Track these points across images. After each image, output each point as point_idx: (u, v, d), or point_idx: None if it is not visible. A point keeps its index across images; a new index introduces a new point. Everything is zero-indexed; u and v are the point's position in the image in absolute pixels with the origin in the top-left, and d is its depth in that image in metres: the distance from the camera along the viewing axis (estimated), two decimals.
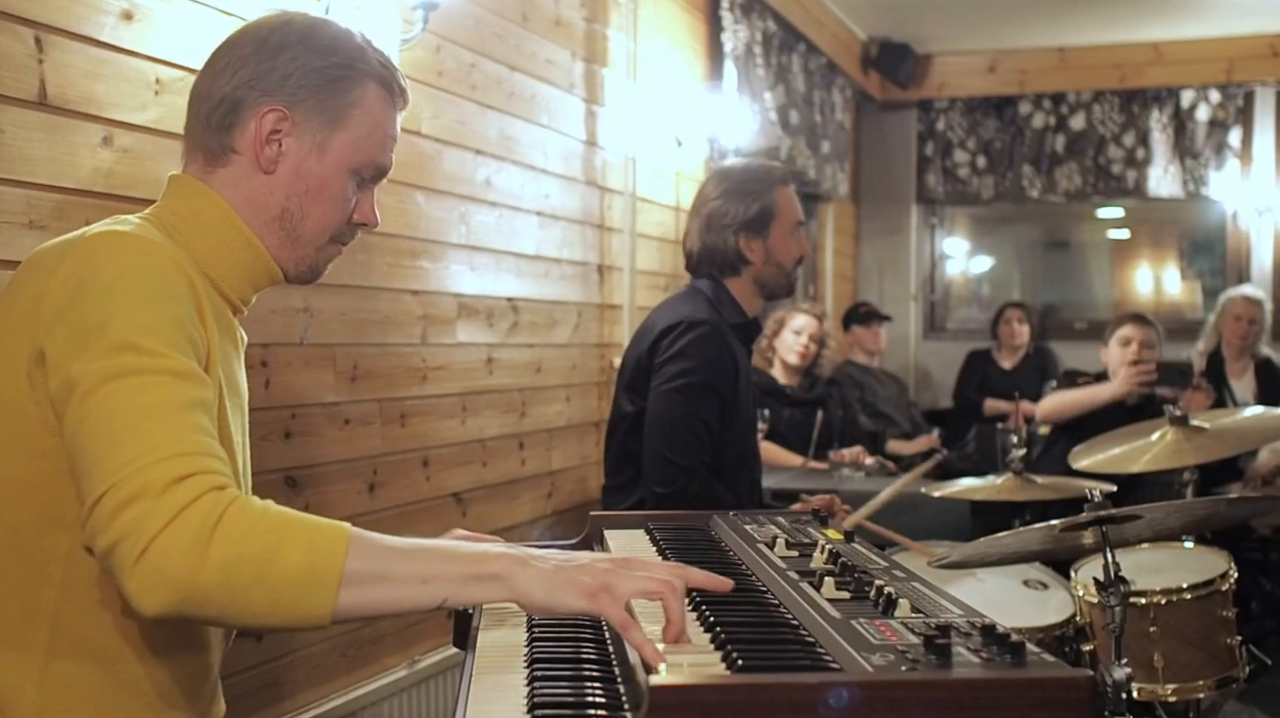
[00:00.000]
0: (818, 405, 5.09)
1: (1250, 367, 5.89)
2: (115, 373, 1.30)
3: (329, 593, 1.25)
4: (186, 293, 1.42)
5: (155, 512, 1.22)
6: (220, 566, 1.22)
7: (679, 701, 1.13)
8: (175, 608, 1.23)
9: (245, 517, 1.25)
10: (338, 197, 1.58)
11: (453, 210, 3.27)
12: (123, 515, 1.22)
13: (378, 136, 1.60)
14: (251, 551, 1.23)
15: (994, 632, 1.28)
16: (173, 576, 1.21)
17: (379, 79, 1.59)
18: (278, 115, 1.53)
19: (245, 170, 1.56)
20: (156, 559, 1.21)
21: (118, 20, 2.16)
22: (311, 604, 1.26)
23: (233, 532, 1.23)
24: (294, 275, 1.63)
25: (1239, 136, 7.35)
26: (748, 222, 2.89)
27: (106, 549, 1.24)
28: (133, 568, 1.21)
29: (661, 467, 2.71)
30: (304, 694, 2.73)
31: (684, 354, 2.76)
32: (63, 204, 2.04)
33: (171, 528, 1.21)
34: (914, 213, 8.15)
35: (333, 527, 1.28)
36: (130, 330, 1.32)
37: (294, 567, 1.24)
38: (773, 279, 2.96)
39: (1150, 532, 2.55)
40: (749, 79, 5.39)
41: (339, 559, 1.26)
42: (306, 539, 1.26)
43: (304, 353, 2.70)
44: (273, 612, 1.25)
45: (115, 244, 1.40)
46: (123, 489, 1.23)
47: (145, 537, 1.21)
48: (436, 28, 3.06)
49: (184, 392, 1.32)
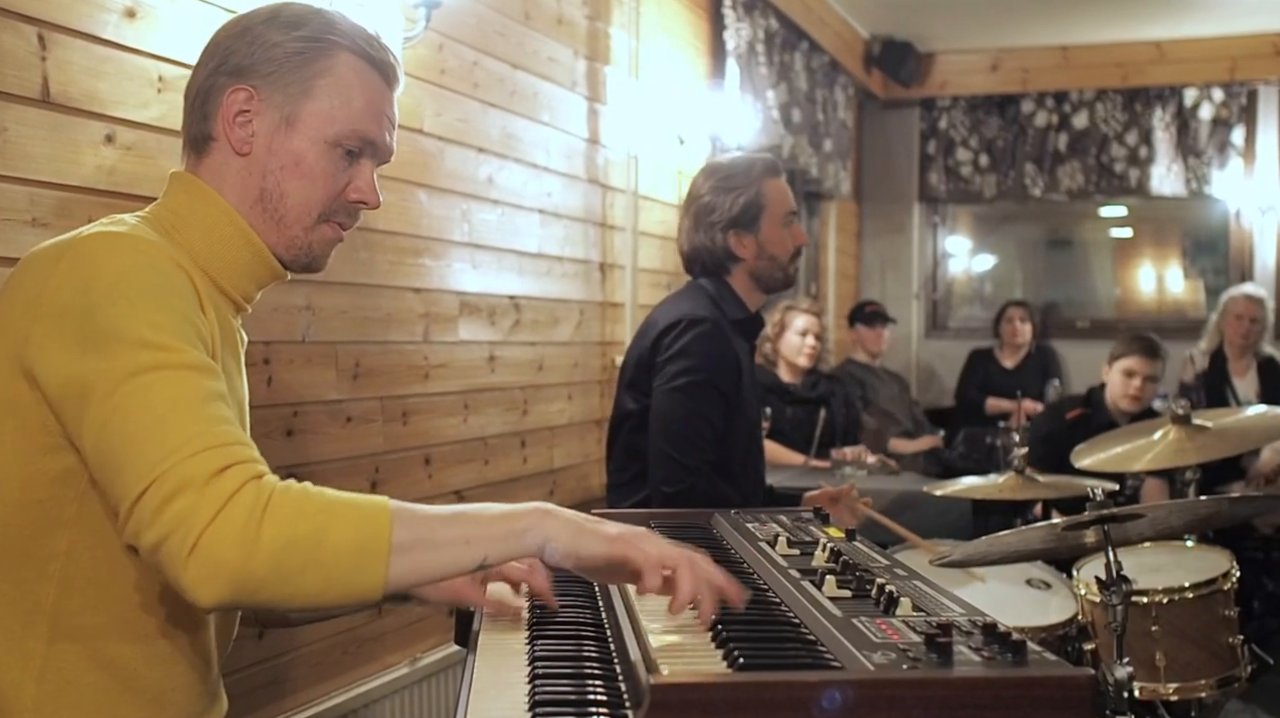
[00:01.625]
0: (820, 404, 5.09)
1: (1253, 365, 5.89)
2: (134, 370, 1.30)
3: (381, 566, 1.27)
4: (187, 287, 1.42)
5: (202, 504, 1.23)
6: (272, 552, 1.23)
7: (680, 698, 1.13)
8: (231, 597, 1.24)
9: (290, 502, 1.26)
10: (316, 170, 1.56)
11: (455, 208, 3.27)
12: (168, 510, 1.23)
13: (355, 106, 1.56)
14: (301, 534, 1.25)
15: (995, 631, 1.28)
16: (227, 565, 1.22)
17: (354, 50, 1.57)
18: (245, 94, 1.53)
19: (225, 155, 1.56)
20: (209, 550, 1.22)
21: (120, 18, 2.16)
22: (365, 579, 1.28)
23: (280, 517, 1.24)
24: (290, 261, 1.60)
25: (1242, 135, 7.34)
26: (735, 217, 2.87)
27: (154, 545, 1.24)
28: (186, 561, 1.22)
29: (667, 466, 2.70)
30: (306, 692, 2.73)
31: (686, 352, 2.75)
32: (65, 202, 2.04)
33: (220, 519, 1.22)
34: (916, 211, 8.15)
35: (374, 502, 1.30)
36: (142, 328, 1.32)
37: (344, 545, 1.26)
38: (768, 273, 2.91)
39: (1152, 531, 2.55)
40: (751, 77, 5.39)
41: (386, 532, 1.28)
42: (353, 517, 1.28)
43: (306, 351, 2.70)
44: (326, 590, 1.27)
45: (112, 245, 1.40)
46: (165, 484, 1.24)
47: (195, 530, 1.22)
48: (439, 26, 3.05)
49: (204, 385, 1.33)
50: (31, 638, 1.41)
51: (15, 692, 1.40)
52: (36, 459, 1.38)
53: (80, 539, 1.41)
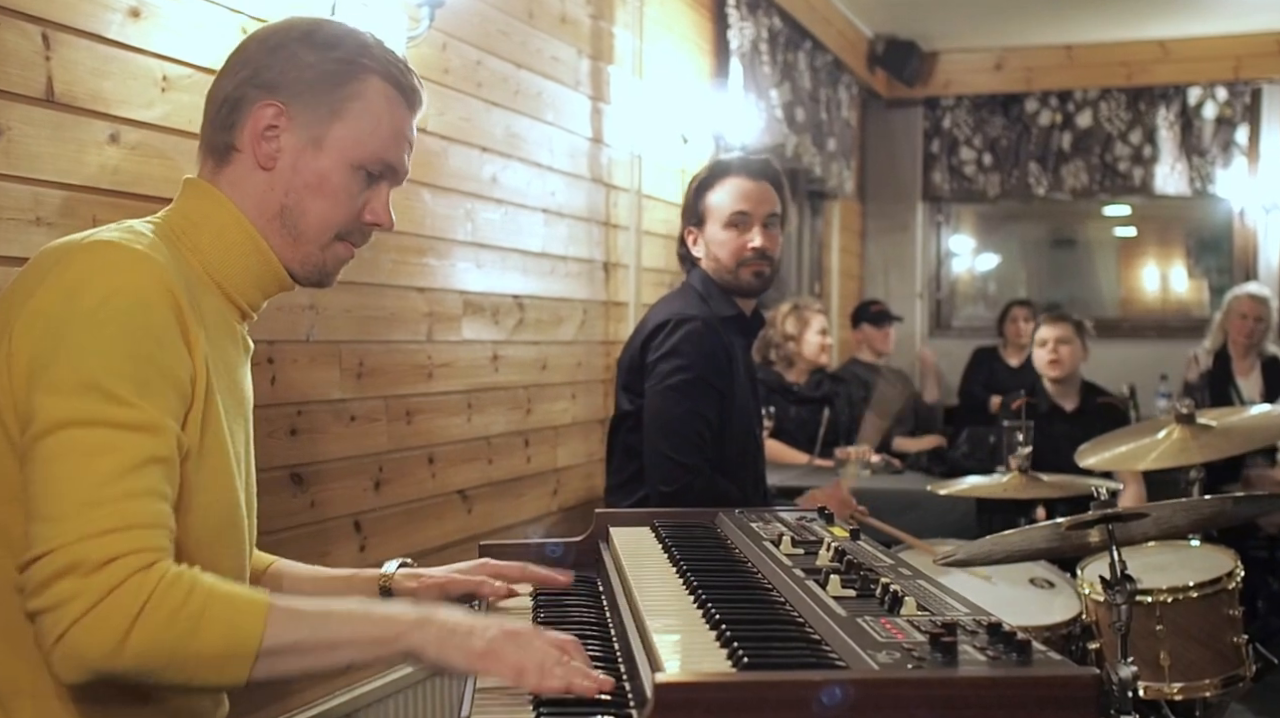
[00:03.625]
0: (824, 403, 5.10)
1: (1257, 365, 5.88)
2: (74, 419, 1.31)
3: (244, 667, 1.32)
4: (169, 323, 1.40)
5: (81, 592, 1.26)
6: (138, 653, 1.28)
7: (684, 698, 1.13)
8: (90, 681, 1.29)
9: (168, 602, 1.29)
10: (338, 192, 1.57)
11: (459, 208, 3.27)
12: (53, 587, 1.27)
13: (383, 132, 1.58)
14: (170, 638, 1.29)
15: (1000, 630, 1.28)
16: (89, 659, 1.27)
17: (384, 75, 1.58)
18: (275, 110, 1.54)
19: (247, 168, 1.56)
20: (75, 643, 1.27)
21: (125, 17, 2.16)
22: (225, 678, 1.32)
23: (153, 622, 1.28)
24: (302, 276, 1.62)
25: (1246, 134, 7.33)
26: (688, 213, 2.89)
27: (34, 612, 1.29)
28: (54, 645, 1.27)
29: (664, 466, 2.70)
30: (307, 692, 2.73)
31: (676, 351, 2.74)
32: (70, 201, 2.04)
33: (94, 614, 1.26)
34: (920, 210, 8.14)
35: (252, 604, 1.33)
36: (98, 372, 1.33)
37: (211, 648, 1.30)
38: (721, 276, 2.87)
39: (1157, 530, 2.54)
40: (755, 76, 5.39)
41: (255, 638, 1.32)
42: (225, 622, 1.31)
43: (309, 350, 2.70)
44: (188, 684, 1.32)
45: (107, 262, 1.39)
46: (56, 561, 1.27)
47: (69, 618, 1.26)
48: (442, 25, 3.05)
49: (141, 449, 1.33)
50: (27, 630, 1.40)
51: (14, 690, 1.41)
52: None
53: None
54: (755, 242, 2.84)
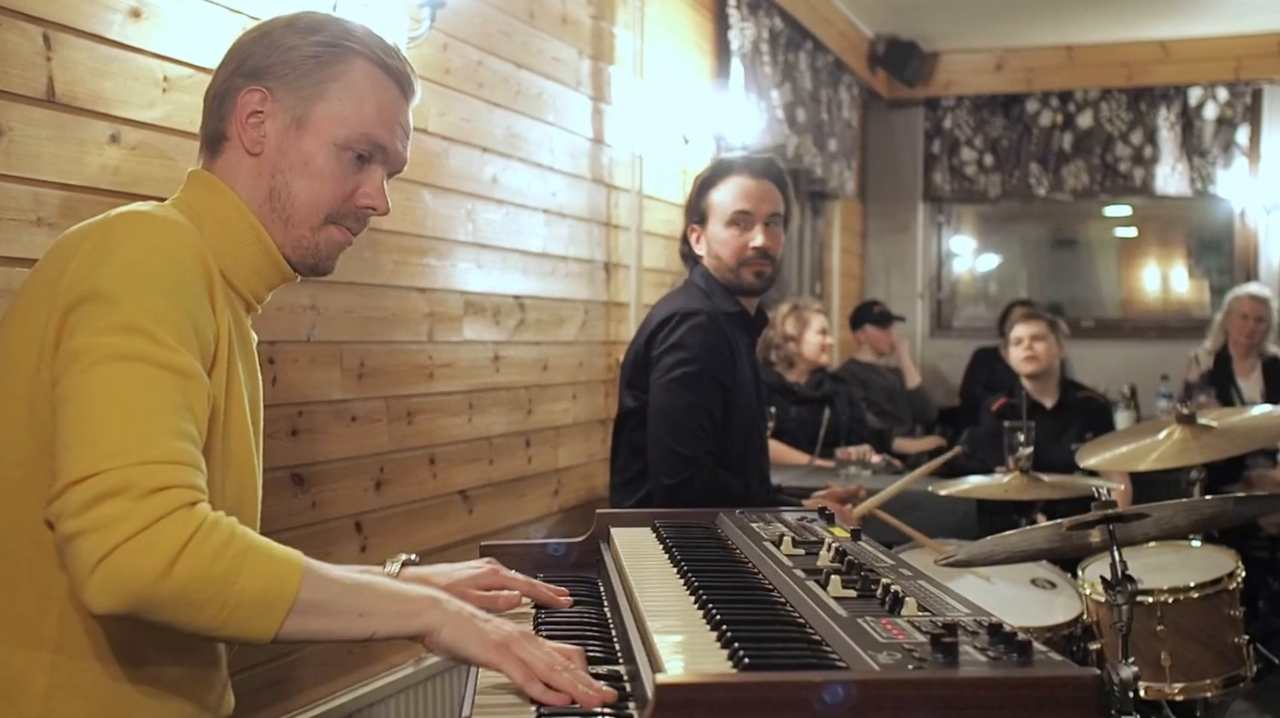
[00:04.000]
0: (825, 403, 5.10)
1: (1258, 365, 5.88)
2: (120, 354, 1.32)
3: (277, 619, 1.33)
4: (201, 280, 1.44)
5: (131, 515, 1.25)
6: (182, 582, 1.26)
7: (685, 698, 1.13)
8: (126, 610, 1.26)
9: (213, 539, 1.29)
10: (324, 172, 1.57)
11: (459, 208, 3.27)
12: (98, 508, 1.25)
13: (366, 111, 1.58)
14: (214, 573, 1.28)
15: (1001, 631, 1.28)
16: (134, 582, 1.25)
17: (369, 58, 1.59)
18: (259, 95, 1.55)
19: (237, 155, 1.58)
20: (121, 563, 1.24)
21: (125, 18, 2.16)
22: (258, 628, 1.33)
23: (200, 553, 1.27)
24: (296, 261, 1.62)
25: (1247, 135, 7.33)
26: (691, 210, 2.90)
27: (70, 535, 1.26)
28: (94, 565, 1.24)
29: (667, 459, 2.70)
30: (311, 692, 2.73)
31: (681, 345, 2.74)
32: (70, 201, 2.04)
33: (143, 536, 1.25)
34: (921, 211, 8.14)
35: (289, 557, 1.35)
36: (140, 315, 1.34)
37: (251, 593, 1.30)
38: (721, 274, 2.87)
39: (1157, 530, 2.54)
40: (756, 77, 5.39)
41: (293, 589, 1.33)
42: (265, 568, 1.32)
43: (311, 350, 2.70)
44: (219, 628, 1.31)
45: (138, 223, 1.43)
46: (105, 482, 1.26)
47: (115, 538, 1.24)
48: (443, 25, 3.06)
49: (182, 393, 1.35)
50: (43, 626, 1.42)
51: (27, 682, 1.41)
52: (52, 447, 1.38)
53: None
54: (756, 241, 2.83)
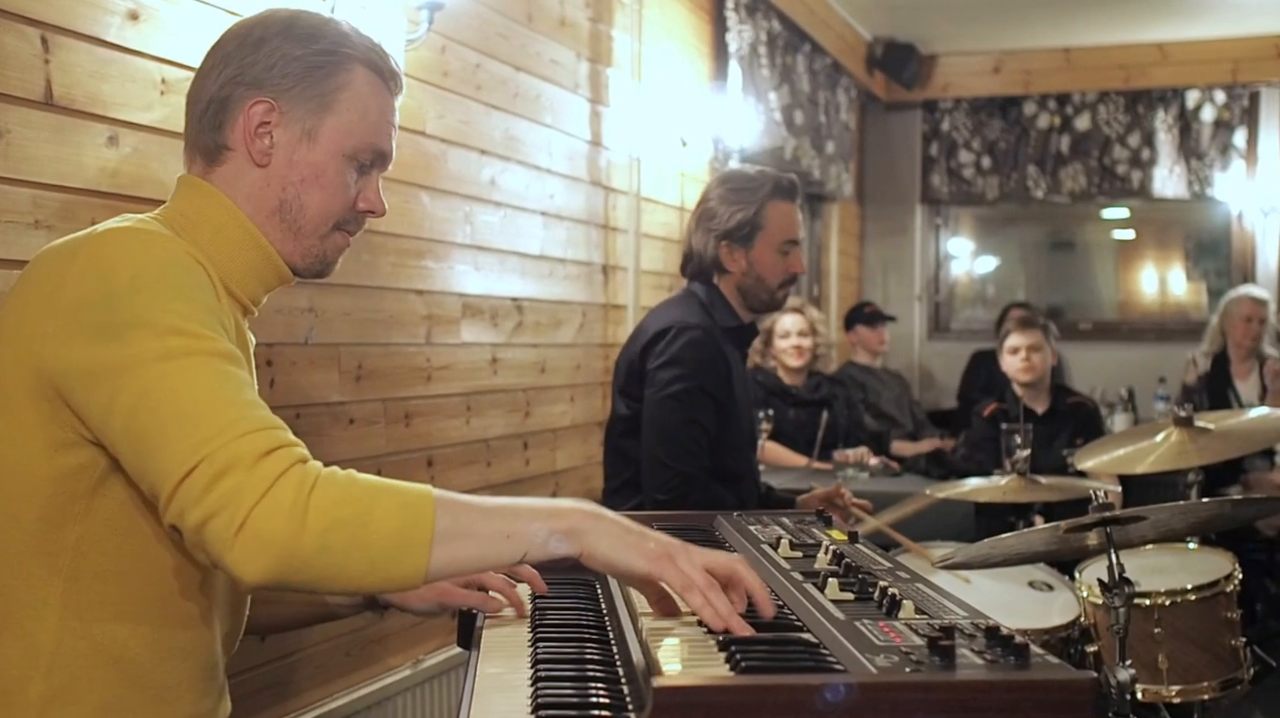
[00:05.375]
0: (823, 406, 5.10)
1: (1255, 367, 5.88)
2: (166, 355, 1.32)
3: (423, 553, 1.30)
4: (206, 280, 1.45)
5: (250, 483, 1.25)
6: (319, 532, 1.25)
7: (683, 701, 1.13)
8: (277, 575, 1.26)
9: (336, 485, 1.29)
10: (335, 183, 1.58)
11: (457, 210, 3.27)
12: (217, 488, 1.25)
13: (371, 119, 1.59)
14: (347, 516, 1.27)
15: (998, 633, 1.28)
16: (275, 542, 1.24)
17: (366, 63, 1.59)
18: (266, 107, 1.54)
19: (241, 166, 1.57)
20: (258, 526, 1.24)
21: (124, 20, 2.16)
22: (407, 564, 1.30)
23: (326, 500, 1.27)
24: (303, 269, 1.62)
25: (1244, 137, 7.34)
26: (729, 230, 2.88)
27: (199, 523, 1.26)
28: (234, 539, 1.24)
29: (661, 473, 2.71)
30: (308, 694, 2.73)
31: (677, 360, 2.75)
32: (68, 204, 2.04)
33: (268, 498, 1.25)
34: (918, 213, 8.14)
35: (418, 490, 1.33)
36: (168, 316, 1.34)
37: (388, 530, 1.28)
38: (753, 293, 2.91)
39: (1155, 533, 2.55)
40: (754, 79, 5.39)
41: (429, 520, 1.30)
42: (397, 503, 1.30)
43: (309, 353, 2.70)
44: (369, 573, 1.29)
45: (127, 240, 1.42)
46: (214, 463, 1.26)
47: (245, 507, 1.24)
48: (442, 28, 3.06)
49: (236, 372, 1.36)
50: (39, 632, 1.41)
51: (24, 685, 1.41)
52: (49, 455, 1.39)
53: (88, 534, 1.42)
54: (797, 267, 2.93)
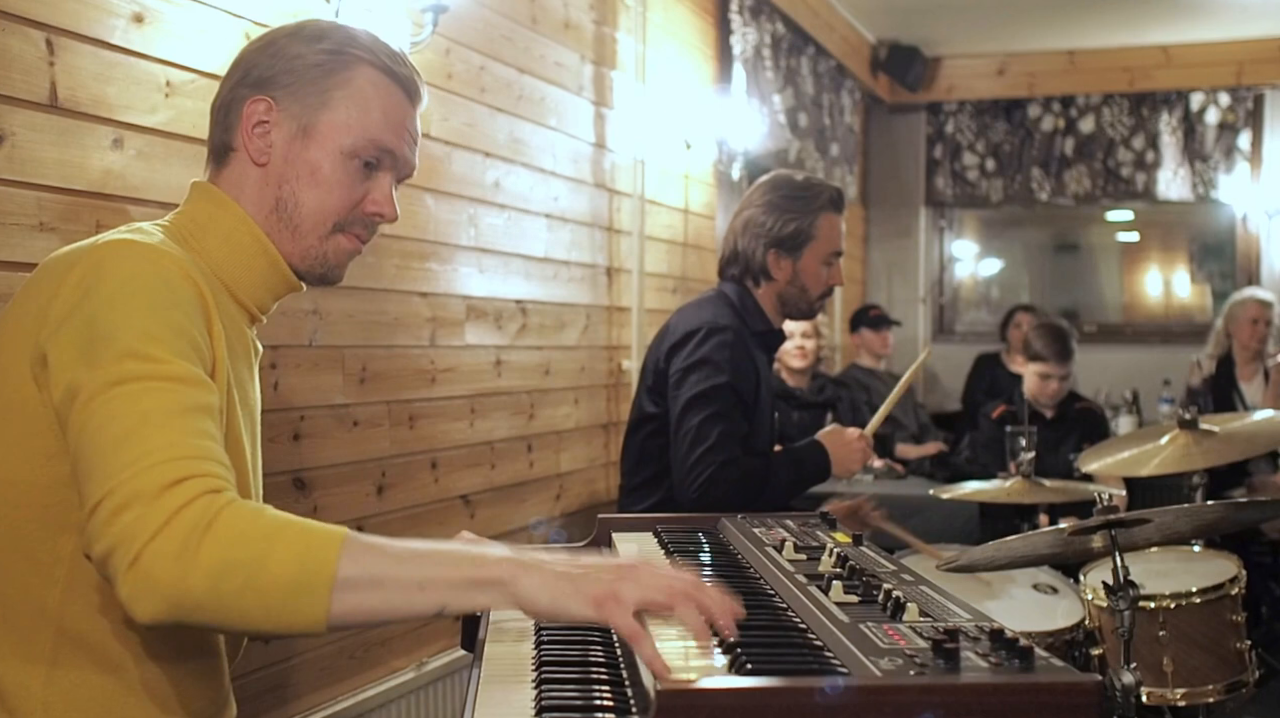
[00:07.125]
0: (827, 408, 5.10)
1: (1260, 370, 5.87)
2: (116, 380, 1.30)
3: (321, 600, 1.22)
4: (193, 300, 1.42)
5: (148, 517, 1.21)
6: (209, 572, 1.20)
7: (686, 704, 1.13)
8: (168, 616, 1.22)
9: (238, 522, 1.23)
10: (331, 181, 1.57)
11: (462, 212, 3.27)
12: (117, 522, 1.22)
13: (373, 117, 1.57)
14: (241, 557, 1.21)
15: (1002, 636, 1.28)
16: (163, 583, 1.20)
17: (374, 64, 1.58)
18: (265, 105, 1.55)
19: (243, 166, 1.57)
20: (147, 566, 1.20)
21: (128, 23, 2.16)
22: (304, 612, 1.23)
23: (223, 537, 1.21)
24: (305, 271, 1.61)
25: (1248, 139, 7.33)
26: (780, 239, 2.90)
27: (102, 556, 1.24)
28: (125, 575, 1.21)
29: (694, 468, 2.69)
30: (311, 697, 2.73)
31: (708, 360, 2.76)
32: (73, 206, 2.05)
33: (162, 534, 1.20)
34: (923, 215, 8.14)
35: (327, 532, 1.25)
36: (133, 338, 1.32)
37: (284, 573, 1.22)
38: (794, 301, 2.96)
39: (1159, 536, 2.54)
40: (758, 82, 5.39)
41: (331, 565, 1.22)
42: (299, 545, 1.23)
43: (313, 355, 2.70)
44: (266, 619, 1.23)
45: (122, 252, 1.41)
46: (117, 495, 1.23)
47: (138, 544, 1.20)
48: (446, 30, 3.06)
49: (186, 396, 1.32)
50: (39, 640, 1.41)
51: (24, 695, 1.41)
52: (44, 463, 1.39)
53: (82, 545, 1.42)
54: (837, 280, 2.99)
